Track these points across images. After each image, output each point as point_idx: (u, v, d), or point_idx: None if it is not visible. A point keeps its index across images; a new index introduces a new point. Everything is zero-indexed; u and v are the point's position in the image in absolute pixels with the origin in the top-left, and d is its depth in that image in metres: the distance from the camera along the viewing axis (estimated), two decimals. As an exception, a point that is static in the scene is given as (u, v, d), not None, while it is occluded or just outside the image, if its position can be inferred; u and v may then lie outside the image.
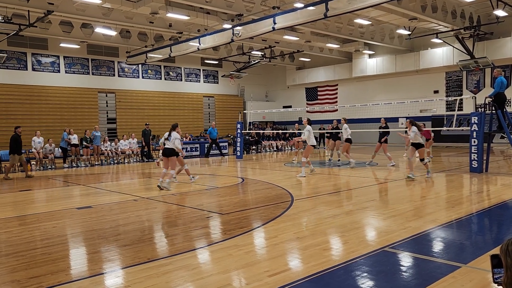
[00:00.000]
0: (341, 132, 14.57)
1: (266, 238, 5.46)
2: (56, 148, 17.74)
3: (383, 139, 14.12)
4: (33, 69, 23.09)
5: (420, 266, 4.27)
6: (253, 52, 25.79)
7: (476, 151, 11.56)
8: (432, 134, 15.47)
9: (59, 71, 23.99)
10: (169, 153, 9.91)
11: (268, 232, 5.75)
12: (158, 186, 9.82)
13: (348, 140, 13.80)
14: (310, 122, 12.06)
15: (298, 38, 23.12)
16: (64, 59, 24.12)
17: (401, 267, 4.24)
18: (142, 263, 4.47)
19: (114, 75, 26.30)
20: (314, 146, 12.06)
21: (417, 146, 10.78)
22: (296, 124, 19.96)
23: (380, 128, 14.52)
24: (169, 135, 10.01)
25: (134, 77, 27.26)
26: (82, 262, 4.69)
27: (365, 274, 4.01)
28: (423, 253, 4.64)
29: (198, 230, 5.96)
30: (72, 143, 17.36)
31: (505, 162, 15.12)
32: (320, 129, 23.46)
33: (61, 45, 22.46)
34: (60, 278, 4.06)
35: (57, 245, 5.32)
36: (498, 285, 2.02)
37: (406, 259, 4.48)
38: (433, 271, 4.08)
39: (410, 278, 3.92)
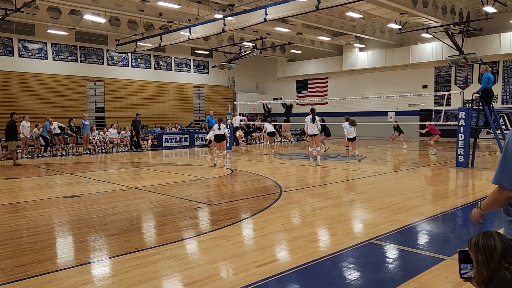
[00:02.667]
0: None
1: (254, 229, 5.48)
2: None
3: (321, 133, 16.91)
4: (20, 55, 22.65)
5: (406, 258, 4.34)
6: (244, 43, 25.66)
7: (462, 146, 11.71)
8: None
9: (46, 58, 23.58)
10: (221, 138, 12.61)
11: (256, 223, 5.77)
12: (214, 164, 12.65)
13: (270, 134, 17.26)
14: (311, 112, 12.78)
15: (289, 30, 23.05)
16: (51, 46, 23.70)
17: (387, 259, 4.30)
18: (130, 252, 4.46)
19: (103, 63, 25.96)
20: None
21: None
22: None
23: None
24: (220, 125, 12.58)
25: (123, 66, 26.93)
26: (68, 251, 4.66)
27: (352, 266, 4.06)
28: (408, 245, 4.71)
29: (187, 220, 5.95)
30: (53, 132, 17.08)
31: (490, 157, 15.36)
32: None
33: (49, 31, 22.05)
34: (46, 267, 4.03)
35: (43, 234, 5.28)
36: (465, 280, 2.02)
37: (392, 251, 4.55)
38: (418, 263, 4.15)
39: (395, 270, 3.98)
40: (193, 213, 6.47)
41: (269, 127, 17.23)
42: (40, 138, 17.08)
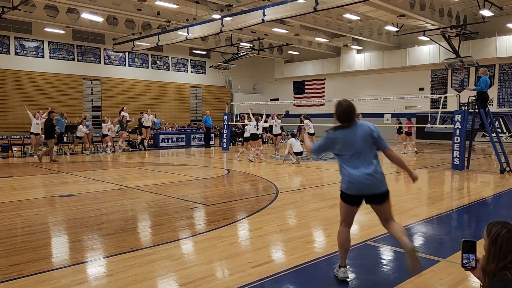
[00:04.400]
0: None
1: (250, 229, 5.49)
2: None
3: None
4: (16, 53, 22.55)
5: (401, 260, 4.34)
6: (241, 44, 25.67)
7: (458, 149, 11.77)
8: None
9: (43, 56, 23.50)
10: (255, 137, 14.28)
11: (252, 224, 5.77)
12: (250, 160, 13.91)
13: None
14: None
15: (287, 31, 23.08)
16: (48, 44, 23.62)
17: (382, 261, 4.32)
18: (125, 252, 4.45)
19: (100, 62, 25.89)
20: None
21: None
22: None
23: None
24: (257, 124, 14.32)
25: (120, 65, 26.88)
26: (64, 251, 4.64)
27: (347, 267, 4.07)
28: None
29: (183, 220, 5.95)
30: (83, 130, 16.77)
31: (486, 160, 15.44)
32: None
33: (46, 29, 21.97)
34: (41, 266, 4.02)
35: (38, 232, 5.26)
36: (466, 270, 2.05)
37: (387, 253, 4.57)
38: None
39: (390, 271, 4.00)
40: (189, 213, 6.47)
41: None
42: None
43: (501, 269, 1.87)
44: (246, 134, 14.83)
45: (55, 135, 15.16)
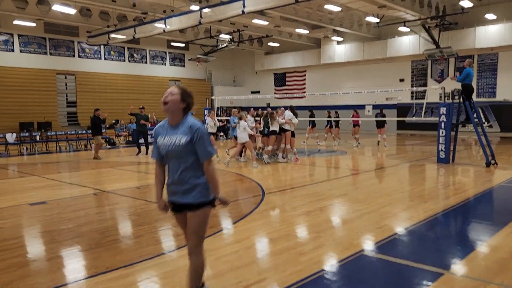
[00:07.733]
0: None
1: (237, 240, 5.11)
2: (11, 134, 16.58)
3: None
4: (-17, 48, 21.44)
5: (401, 273, 4.04)
6: (221, 36, 25.10)
7: (444, 142, 11.64)
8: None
9: (13, 50, 22.42)
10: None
11: (239, 232, 5.40)
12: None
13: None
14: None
15: (267, 23, 22.63)
16: (18, 38, 22.54)
17: (382, 275, 4.00)
18: (100, 273, 4.01)
19: (74, 55, 24.91)
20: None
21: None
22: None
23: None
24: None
25: (95, 59, 25.95)
26: (29, 273, 4.13)
27: (347, 284, 3.74)
28: (402, 257, 4.42)
29: (164, 230, 5.53)
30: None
31: (468, 152, 15.46)
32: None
33: (15, 22, 20.90)
34: (3, 296, 3.55)
35: (1, 251, 4.74)
36: None
37: (385, 265, 4.25)
38: (414, 280, 3.86)
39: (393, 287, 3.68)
40: (170, 221, 6.02)
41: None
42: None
43: None
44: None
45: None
